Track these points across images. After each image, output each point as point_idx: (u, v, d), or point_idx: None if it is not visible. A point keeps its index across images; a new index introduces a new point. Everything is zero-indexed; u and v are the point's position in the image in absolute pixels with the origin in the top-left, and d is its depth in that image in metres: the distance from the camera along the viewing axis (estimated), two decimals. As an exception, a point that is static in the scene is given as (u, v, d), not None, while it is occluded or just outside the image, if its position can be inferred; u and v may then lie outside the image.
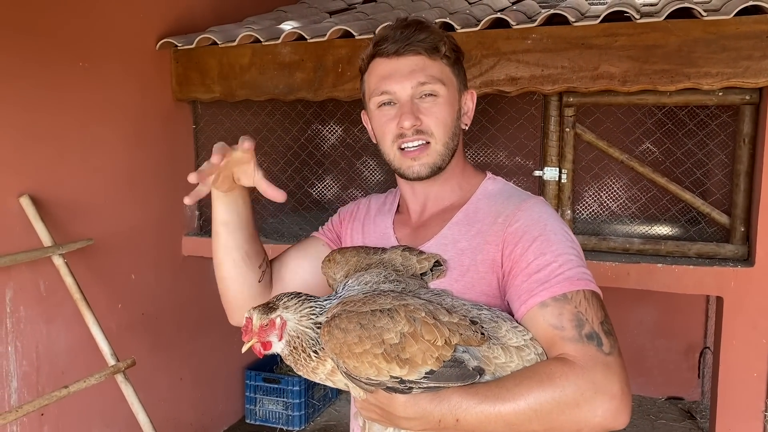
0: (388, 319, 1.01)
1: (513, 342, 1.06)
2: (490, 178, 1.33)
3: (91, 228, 2.69)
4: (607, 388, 0.99)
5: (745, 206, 2.53)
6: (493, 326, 1.07)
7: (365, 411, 1.11)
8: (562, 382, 0.99)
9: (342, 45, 2.80)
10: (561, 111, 2.66)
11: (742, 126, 2.51)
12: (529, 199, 1.22)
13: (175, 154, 3.16)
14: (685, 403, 4.08)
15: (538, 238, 1.13)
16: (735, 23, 2.29)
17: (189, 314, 3.32)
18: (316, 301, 1.10)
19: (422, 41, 1.22)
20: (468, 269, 1.18)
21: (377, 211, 1.42)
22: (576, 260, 1.11)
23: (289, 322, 1.07)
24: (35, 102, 2.45)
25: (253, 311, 1.09)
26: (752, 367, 2.49)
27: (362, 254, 1.25)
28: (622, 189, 3.19)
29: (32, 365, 2.47)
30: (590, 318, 1.05)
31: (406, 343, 0.99)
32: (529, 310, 1.08)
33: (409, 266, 1.20)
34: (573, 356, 1.02)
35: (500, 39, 2.55)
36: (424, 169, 1.25)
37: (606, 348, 1.03)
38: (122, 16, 2.82)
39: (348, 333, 1.00)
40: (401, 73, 1.22)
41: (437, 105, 1.23)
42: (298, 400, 3.72)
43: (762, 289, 2.43)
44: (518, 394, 0.99)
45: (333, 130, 3.99)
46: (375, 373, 1.00)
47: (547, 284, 1.08)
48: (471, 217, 1.24)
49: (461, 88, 1.30)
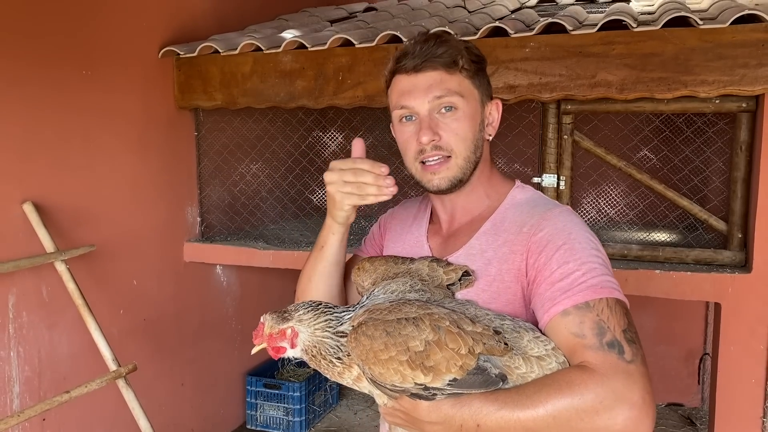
0: (414, 327, 1.03)
1: (534, 352, 1.07)
2: (519, 187, 1.33)
3: (93, 234, 2.71)
4: (627, 396, 0.99)
5: (743, 213, 2.54)
6: (515, 336, 1.09)
7: (390, 416, 1.13)
8: (581, 389, 0.99)
9: (342, 53, 2.82)
10: (559, 118, 2.68)
11: (738, 133, 2.52)
12: (554, 208, 1.23)
13: (176, 161, 3.19)
14: (685, 410, 4.08)
15: (562, 247, 1.13)
16: (731, 32, 2.31)
17: (190, 320, 3.33)
18: (334, 313, 1.12)
19: (440, 56, 1.23)
20: (494, 279, 1.20)
21: (413, 218, 1.45)
22: (600, 268, 1.12)
23: (302, 333, 1.10)
24: (39, 109, 2.47)
25: (267, 317, 1.12)
26: (750, 373, 2.50)
27: (390, 263, 1.28)
28: (620, 196, 3.20)
29: (34, 370, 2.49)
30: (612, 326, 1.05)
31: (431, 351, 1.01)
32: (551, 319, 1.09)
33: (436, 276, 1.22)
34: (593, 364, 1.02)
35: (499, 47, 2.58)
36: (444, 183, 1.26)
37: (627, 356, 1.03)
38: (125, 25, 2.85)
39: (374, 340, 1.03)
40: (419, 89, 1.24)
41: (456, 120, 1.24)
42: (299, 406, 3.73)
43: (759, 295, 2.44)
44: (537, 400, 1.01)
45: (334, 137, 4.01)
46: (400, 379, 1.02)
47: (569, 292, 1.09)
48: (498, 226, 1.26)
49: (484, 99, 1.31)
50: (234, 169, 3.50)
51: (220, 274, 3.57)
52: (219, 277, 3.57)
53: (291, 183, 3.60)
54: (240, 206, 3.49)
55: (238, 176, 3.52)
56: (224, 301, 3.62)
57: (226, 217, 3.46)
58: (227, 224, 3.45)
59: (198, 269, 3.36)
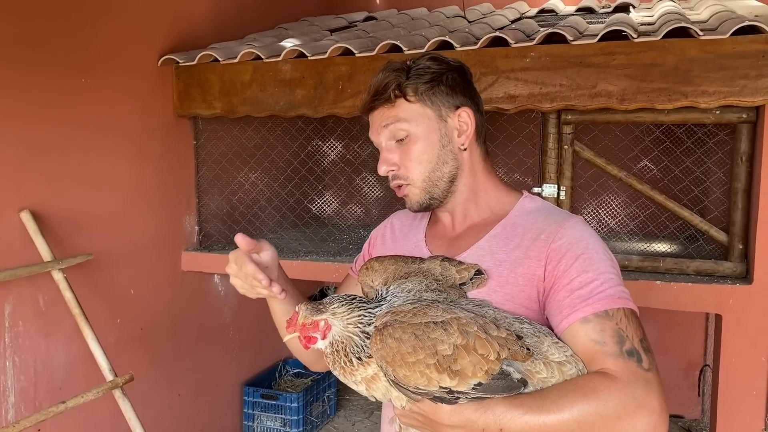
0: (442, 331, 1.03)
1: (555, 357, 1.08)
2: (528, 197, 1.36)
3: (90, 243, 2.70)
4: (648, 402, 1.03)
5: (743, 224, 2.54)
6: (535, 341, 1.09)
7: (406, 419, 1.13)
8: (606, 395, 1.03)
9: (342, 62, 2.82)
10: (559, 128, 2.67)
11: (739, 144, 2.52)
12: (570, 218, 1.26)
13: (175, 169, 3.18)
14: (685, 422, 4.06)
15: (581, 256, 1.16)
16: (731, 43, 2.31)
17: (188, 330, 3.31)
18: (367, 309, 1.12)
19: (379, 92, 1.32)
20: (507, 281, 1.21)
21: (409, 227, 1.46)
22: (616, 279, 1.15)
23: (335, 327, 1.10)
24: (37, 117, 2.46)
25: (301, 306, 1.12)
26: (752, 385, 2.48)
27: (400, 263, 1.27)
28: (621, 206, 3.20)
29: (30, 380, 2.46)
30: (630, 335, 1.09)
31: (459, 355, 1.01)
32: (570, 325, 1.11)
33: (449, 276, 1.22)
34: (615, 371, 1.06)
35: (499, 57, 2.57)
36: (414, 206, 1.35)
37: (645, 364, 1.07)
38: (124, 33, 2.85)
39: (402, 343, 1.02)
40: (373, 125, 1.35)
41: (407, 144, 1.30)
42: (296, 417, 3.71)
43: (761, 306, 2.43)
44: (563, 405, 1.02)
45: (333, 146, 4.01)
46: (425, 383, 1.02)
47: (589, 300, 1.11)
48: (509, 231, 1.27)
49: (444, 113, 1.30)
50: (233, 177, 3.49)
51: (217, 283, 3.55)
52: (217, 287, 3.55)
53: (290, 192, 3.59)
54: (238, 215, 3.48)
55: (236, 185, 3.51)
56: (222, 310, 3.60)
57: (224, 226, 3.45)
58: (225, 233, 3.44)
59: (196, 278, 3.34)
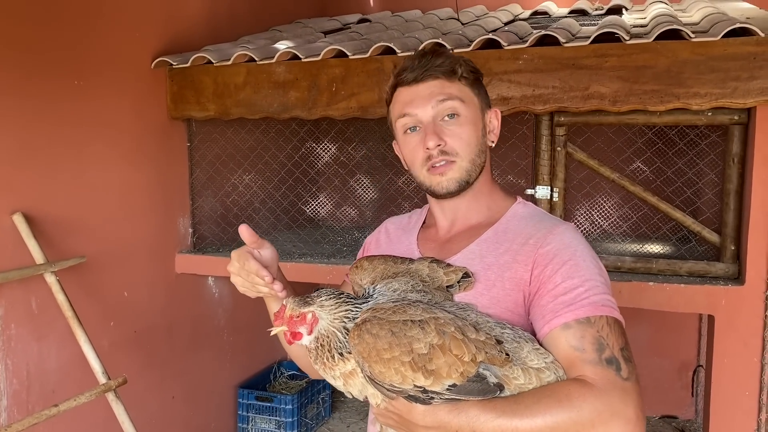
0: (419, 330, 1.03)
1: (534, 363, 1.08)
2: (521, 202, 1.37)
3: (83, 245, 2.69)
4: (623, 411, 1.02)
5: (735, 225, 2.55)
6: (515, 346, 1.09)
7: (383, 417, 1.13)
8: (580, 402, 1.02)
9: (336, 64, 2.82)
10: (552, 130, 2.68)
11: (731, 146, 2.53)
12: (560, 224, 1.26)
13: (169, 171, 3.17)
14: (679, 422, 4.08)
15: (568, 262, 1.16)
16: (723, 45, 2.32)
17: (182, 332, 3.31)
18: (355, 305, 1.12)
19: (439, 66, 1.28)
20: (494, 284, 1.21)
21: (402, 230, 1.46)
22: (602, 287, 1.15)
23: (322, 320, 1.10)
24: (29, 119, 2.45)
25: (289, 300, 1.12)
26: (744, 386, 2.49)
27: (390, 262, 1.28)
28: (614, 208, 3.21)
29: (22, 383, 2.45)
30: (611, 343, 1.09)
31: (434, 355, 1.02)
32: (552, 330, 1.12)
33: (436, 278, 1.23)
34: (592, 378, 1.05)
35: (492, 59, 2.58)
36: (453, 184, 1.29)
37: (624, 373, 1.06)
38: (118, 35, 2.84)
39: (379, 339, 1.03)
40: (421, 97, 1.28)
41: (459, 125, 1.28)
42: (291, 419, 3.70)
43: (752, 307, 2.44)
44: (536, 411, 1.02)
45: (327, 148, 4.00)
46: (400, 380, 1.02)
47: (572, 306, 1.11)
48: (500, 236, 1.28)
49: (484, 107, 1.34)
50: (226, 179, 3.49)
51: (212, 285, 3.54)
52: (211, 289, 3.55)
53: (284, 194, 3.58)
54: (232, 217, 3.47)
55: (230, 187, 3.51)
56: (216, 312, 3.59)
57: (218, 228, 3.44)
58: (219, 235, 3.43)
59: (190, 281, 3.33)
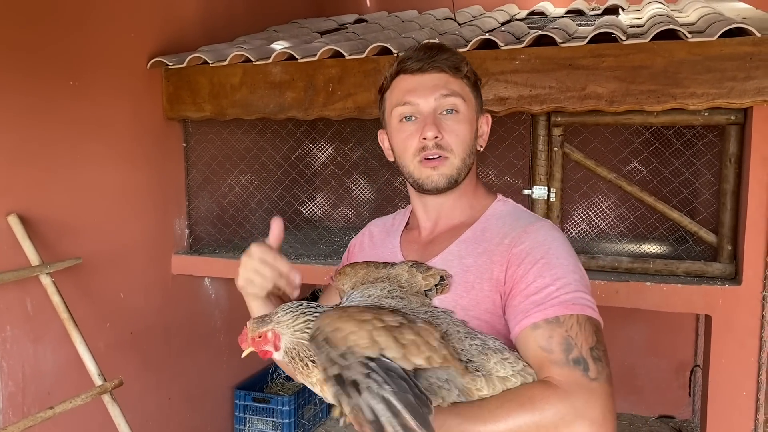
0: (388, 312, 1.03)
1: (500, 373, 1.07)
2: (501, 200, 1.36)
3: (79, 247, 2.68)
4: (588, 413, 1.01)
5: (732, 225, 2.55)
6: (482, 358, 1.08)
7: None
8: (542, 405, 1.01)
9: (332, 65, 2.82)
10: (549, 131, 2.68)
11: (727, 146, 2.53)
12: (537, 221, 1.25)
13: (165, 172, 3.16)
14: (676, 422, 4.08)
15: (540, 261, 1.15)
16: (719, 45, 2.32)
17: (178, 333, 3.29)
18: (315, 314, 1.11)
19: (446, 60, 1.28)
20: (473, 286, 1.20)
21: (386, 234, 1.45)
22: (575, 284, 1.13)
23: (284, 336, 1.09)
24: (24, 120, 2.44)
25: (249, 322, 1.12)
26: (741, 386, 2.49)
27: (371, 268, 1.28)
28: (611, 208, 3.21)
29: (18, 386, 2.44)
30: (579, 343, 1.07)
31: (405, 331, 0.99)
32: (522, 331, 1.11)
33: (414, 283, 1.22)
34: (557, 380, 1.04)
35: (489, 59, 2.58)
36: (442, 180, 1.28)
37: (592, 374, 1.05)
38: (113, 35, 2.83)
39: (345, 311, 1.02)
40: (425, 87, 1.27)
41: (458, 122, 1.27)
42: (288, 420, 3.69)
43: (749, 307, 2.44)
44: (499, 415, 1.01)
45: (323, 148, 4.00)
46: (367, 344, 0.95)
47: (541, 306, 1.10)
48: (479, 236, 1.27)
49: (479, 110, 1.34)
50: (223, 180, 3.48)
51: (208, 286, 3.53)
52: (207, 290, 3.54)
53: (281, 195, 3.58)
54: (229, 218, 3.47)
55: (227, 188, 3.50)
56: (212, 314, 3.58)
57: (214, 229, 3.43)
58: (216, 236, 3.42)
59: (186, 282, 3.32)
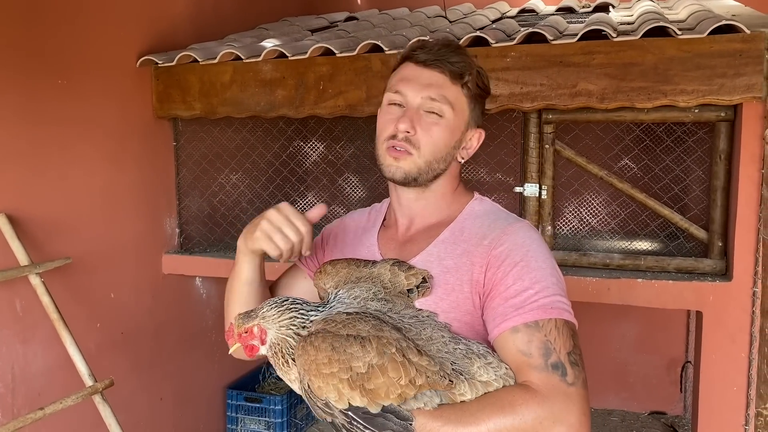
0: (359, 347, 1.02)
1: (483, 378, 1.08)
2: (477, 199, 1.36)
3: (69, 246, 2.65)
4: (565, 418, 1.03)
5: (722, 221, 2.56)
6: (466, 362, 1.09)
7: None
8: (522, 409, 1.03)
9: (323, 62, 2.81)
10: (540, 128, 2.68)
11: (718, 142, 2.54)
12: (515, 222, 1.25)
13: (155, 171, 3.14)
14: (668, 418, 4.10)
15: (519, 263, 1.15)
16: (709, 42, 2.33)
17: (169, 333, 3.28)
18: (301, 311, 1.12)
19: (451, 63, 1.27)
20: (453, 288, 1.20)
21: (363, 229, 1.44)
22: (553, 288, 1.14)
23: (269, 331, 1.11)
24: (12, 119, 2.42)
25: (235, 317, 1.14)
26: (732, 381, 2.51)
27: (353, 266, 1.27)
28: (602, 205, 3.21)
29: (7, 387, 2.42)
30: (558, 347, 1.09)
31: (373, 375, 1.01)
32: (501, 334, 1.12)
33: (397, 283, 1.22)
34: (536, 384, 1.06)
35: (480, 57, 2.57)
36: (399, 173, 1.28)
37: (570, 378, 1.07)
38: (102, 33, 2.81)
39: (320, 352, 1.02)
40: (419, 82, 1.27)
41: (437, 124, 1.27)
42: (281, 420, 3.68)
43: (740, 303, 2.46)
44: (480, 419, 1.02)
45: (315, 146, 3.98)
46: (336, 397, 1.02)
47: (521, 310, 1.11)
48: (457, 236, 1.27)
49: (471, 123, 1.33)
50: (213, 179, 3.46)
51: (199, 286, 3.52)
52: (198, 290, 3.52)
53: (271, 193, 3.56)
54: (219, 217, 3.45)
55: (217, 187, 3.48)
56: (204, 313, 3.57)
57: (205, 228, 3.41)
58: (206, 235, 3.41)
59: (177, 281, 3.30)
